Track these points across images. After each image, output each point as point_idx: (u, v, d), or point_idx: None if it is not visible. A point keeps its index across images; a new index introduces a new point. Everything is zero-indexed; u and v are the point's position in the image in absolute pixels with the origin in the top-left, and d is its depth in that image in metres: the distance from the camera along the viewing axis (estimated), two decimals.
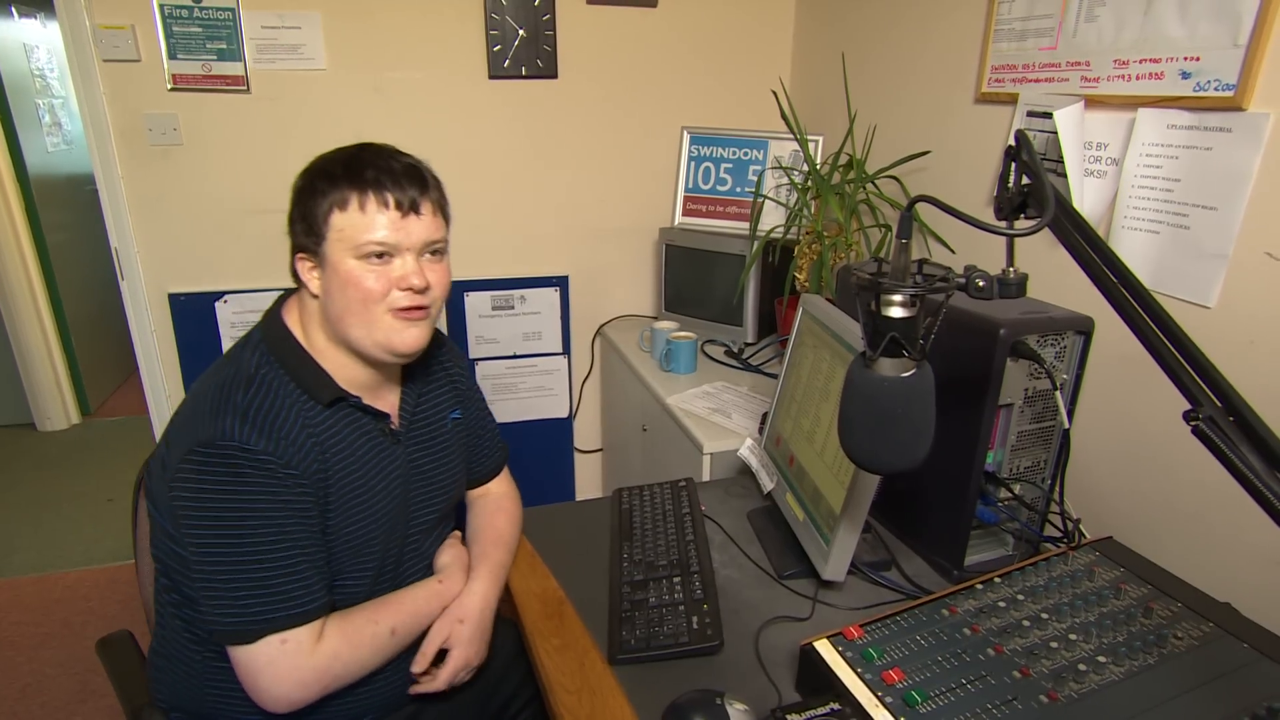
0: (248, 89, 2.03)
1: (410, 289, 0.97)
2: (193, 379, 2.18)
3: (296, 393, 0.97)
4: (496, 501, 1.28)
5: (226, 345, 2.17)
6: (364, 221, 0.95)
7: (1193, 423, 0.53)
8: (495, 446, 1.30)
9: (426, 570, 1.14)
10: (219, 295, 2.15)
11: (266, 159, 2.11)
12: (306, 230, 0.97)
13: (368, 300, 0.96)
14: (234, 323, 2.18)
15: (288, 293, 1.08)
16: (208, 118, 2.03)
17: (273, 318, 1.03)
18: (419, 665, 1.05)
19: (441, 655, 1.07)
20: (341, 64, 2.08)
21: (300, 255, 0.99)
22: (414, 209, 0.97)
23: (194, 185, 2.08)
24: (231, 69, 2.00)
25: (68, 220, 3.73)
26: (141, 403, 2.27)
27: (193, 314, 2.15)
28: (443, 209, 1.03)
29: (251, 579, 0.90)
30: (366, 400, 1.04)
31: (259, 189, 2.13)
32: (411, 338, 1.00)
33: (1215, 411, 0.52)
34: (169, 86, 1.98)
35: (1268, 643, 0.87)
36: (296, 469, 0.93)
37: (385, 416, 1.06)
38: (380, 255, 0.96)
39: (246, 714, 1.00)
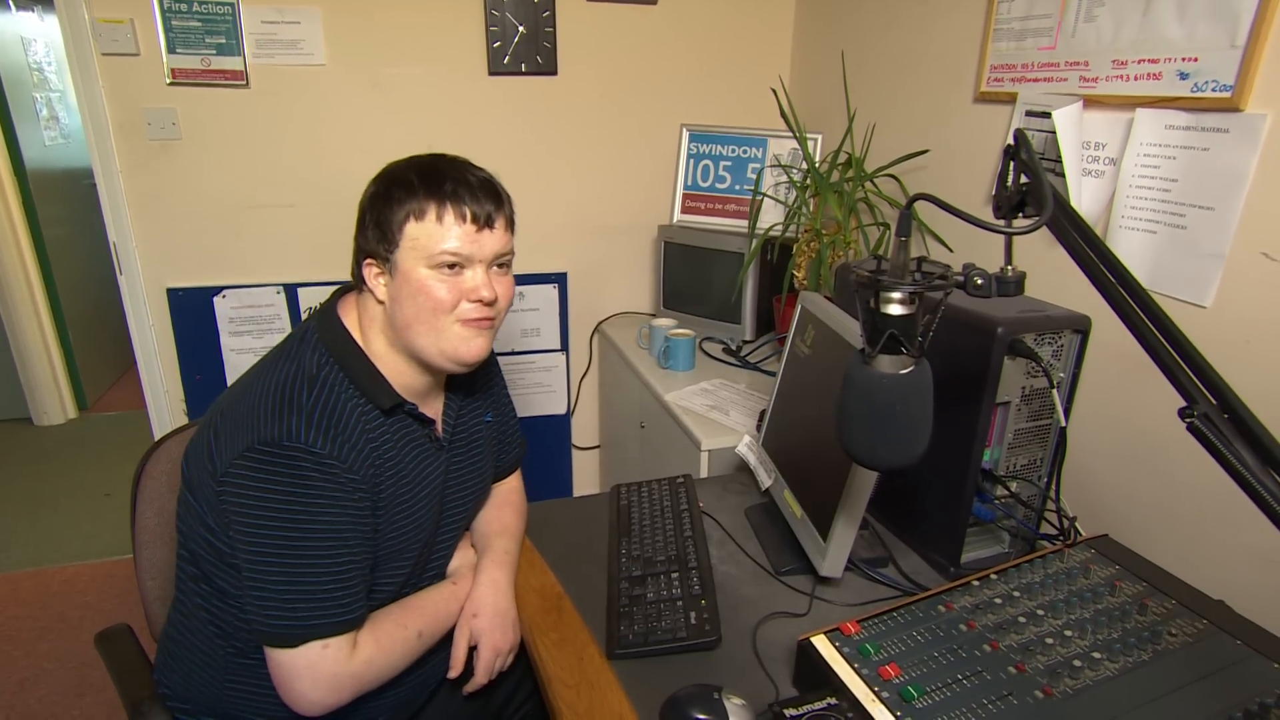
0: (247, 84, 2.03)
1: (480, 300, 0.99)
2: (191, 373, 2.18)
3: (357, 397, 0.97)
4: (504, 496, 1.29)
5: (225, 340, 2.18)
6: (439, 232, 0.96)
7: (1188, 420, 0.53)
8: (516, 443, 1.32)
9: (444, 571, 1.15)
10: (217, 290, 2.15)
11: (265, 154, 2.10)
12: (380, 237, 0.97)
13: (438, 310, 0.97)
14: (233, 317, 2.18)
15: (342, 290, 1.07)
16: (207, 112, 2.03)
17: (329, 316, 1.02)
18: (454, 671, 1.07)
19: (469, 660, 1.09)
20: (341, 59, 2.08)
21: (369, 261, 0.99)
22: (489, 223, 0.98)
23: (193, 180, 2.08)
24: (231, 64, 2.00)
25: (65, 215, 3.72)
26: (139, 398, 2.27)
27: (191, 309, 2.15)
28: (512, 223, 1.04)
29: (304, 584, 0.90)
30: (419, 407, 1.04)
31: (258, 184, 2.13)
32: (478, 347, 1.02)
33: (1210, 409, 0.52)
34: (168, 81, 1.98)
35: (1261, 640, 0.88)
36: (357, 473, 0.93)
37: (432, 423, 1.07)
38: (452, 266, 0.97)
39: (265, 711, 1.01)
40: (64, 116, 3.86)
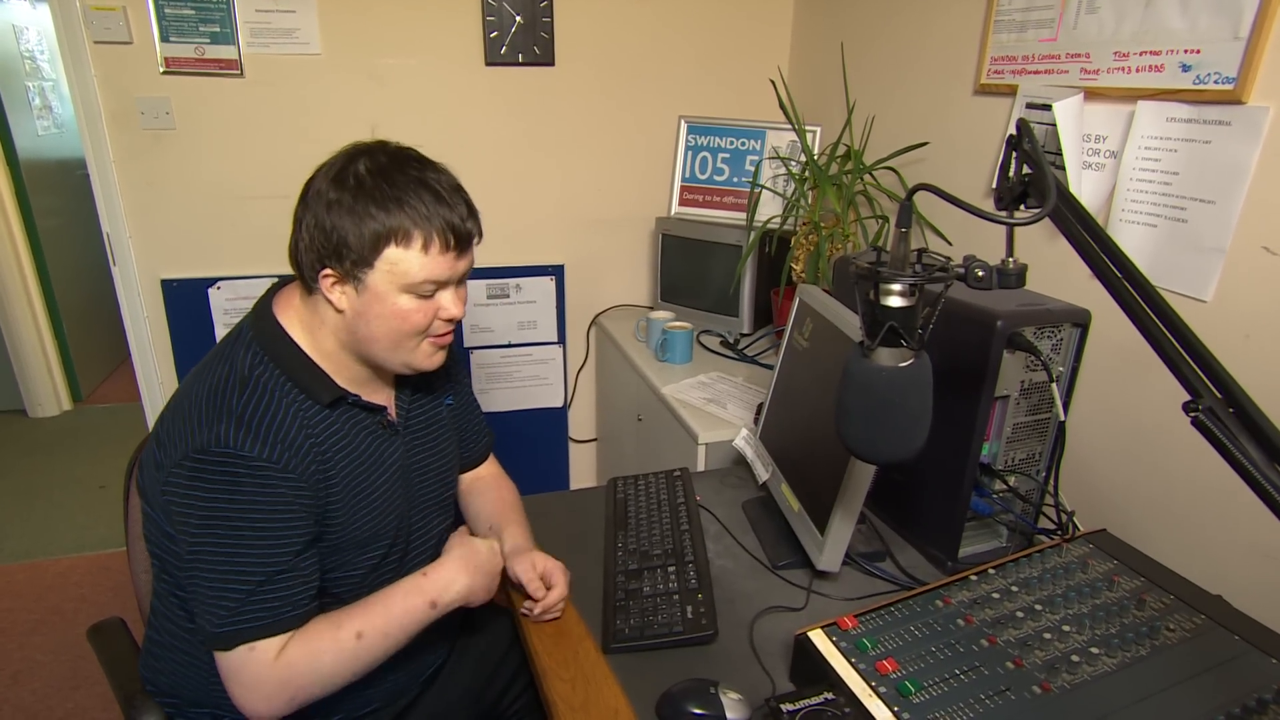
0: (241, 73, 2.01)
1: (451, 319, 0.98)
2: (186, 366, 2.17)
3: (294, 393, 0.95)
4: (495, 480, 1.29)
5: (220, 332, 2.17)
6: (424, 262, 0.92)
7: (1192, 414, 0.53)
8: (483, 431, 1.30)
9: (433, 554, 1.14)
10: (212, 281, 2.14)
11: (260, 144, 2.09)
12: (347, 251, 0.91)
13: (412, 333, 0.96)
14: (227, 309, 2.16)
15: (278, 284, 1.04)
16: (201, 102, 2.01)
17: (264, 314, 0.99)
18: (533, 603, 1.06)
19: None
20: (336, 49, 2.06)
21: (327, 273, 0.93)
22: (469, 246, 0.96)
23: (187, 170, 2.06)
24: (225, 53, 1.98)
25: (59, 205, 3.69)
26: (133, 389, 2.26)
27: (186, 300, 2.14)
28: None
29: (236, 588, 0.89)
30: (365, 396, 1.02)
31: (253, 174, 2.11)
32: (439, 360, 1.02)
33: (1215, 403, 0.52)
34: (161, 70, 1.96)
35: (1258, 635, 0.88)
36: (294, 473, 0.91)
37: (383, 409, 1.05)
38: (430, 293, 0.95)
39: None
40: (57, 106, 3.82)
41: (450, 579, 1.00)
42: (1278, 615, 0.92)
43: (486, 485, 1.28)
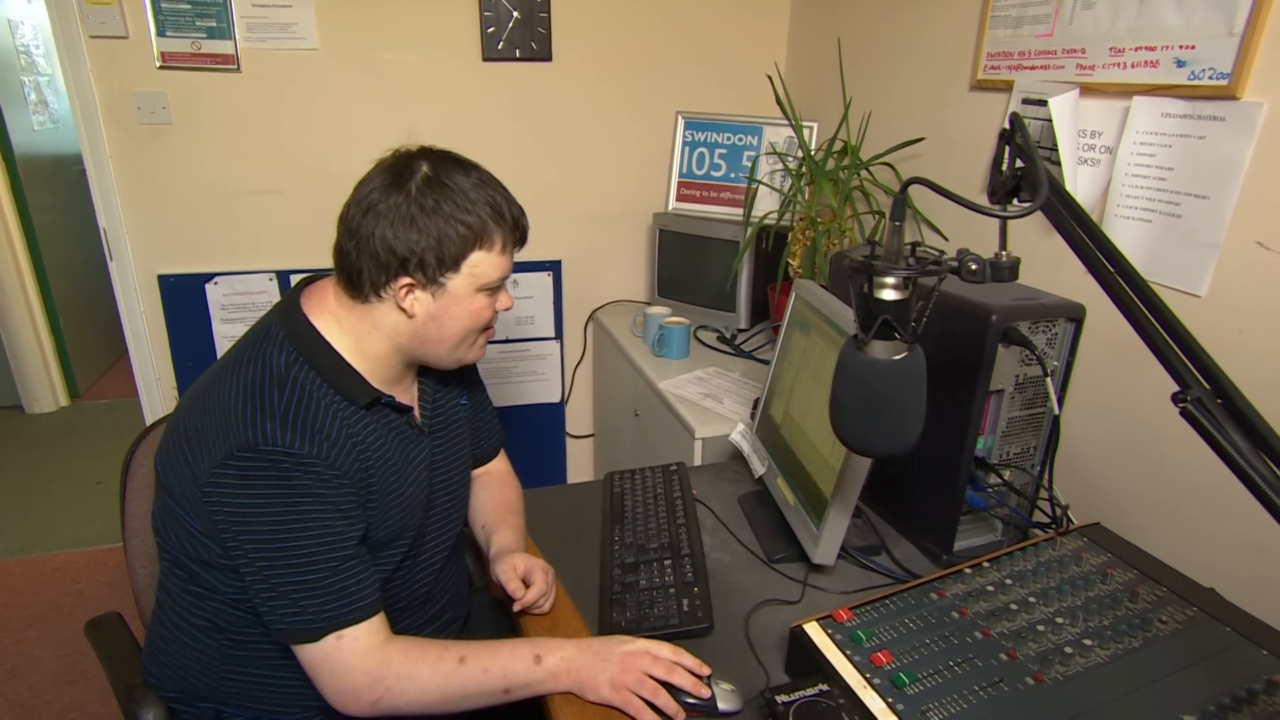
0: (238, 68, 2.01)
1: (504, 309, 1.05)
2: (183, 361, 2.17)
3: (331, 394, 0.95)
4: (501, 478, 1.30)
5: (219, 328, 2.17)
6: (501, 263, 0.99)
7: (1181, 405, 0.53)
8: (495, 428, 1.31)
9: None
10: (209, 277, 2.14)
11: (257, 139, 2.09)
12: (435, 261, 0.94)
13: (476, 328, 1.02)
14: (224, 304, 2.16)
15: (303, 283, 1.04)
16: (198, 97, 2.01)
17: (294, 313, 0.99)
18: (517, 597, 1.05)
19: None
20: (334, 44, 2.06)
21: (407, 282, 0.95)
22: (525, 243, 1.04)
23: (184, 165, 2.06)
24: (221, 47, 1.98)
25: (55, 201, 3.69)
26: (130, 386, 2.26)
27: (183, 296, 2.14)
28: None
29: (306, 579, 0.89)
30: (397, 397, 1.04)
31: (250, 169, 2.11)
32: (484, 351, 1.10)
33: (1203, 394, 0.52)
34: (158, 64, 1.96)
35: (1250, 627, 0.88)
36: (340, 469, 0.92)
37: (409, 410, 1.06)
38: (496, 289, 1.02)
39: (262, 699, 1.01)
40: (53, 101, 3.81)
41: (565, 644, 0.95)
42: (1269, 608, 0.92)
43: (491, 481, 1.29)
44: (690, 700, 0.88)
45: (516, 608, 1.06)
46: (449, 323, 0.99)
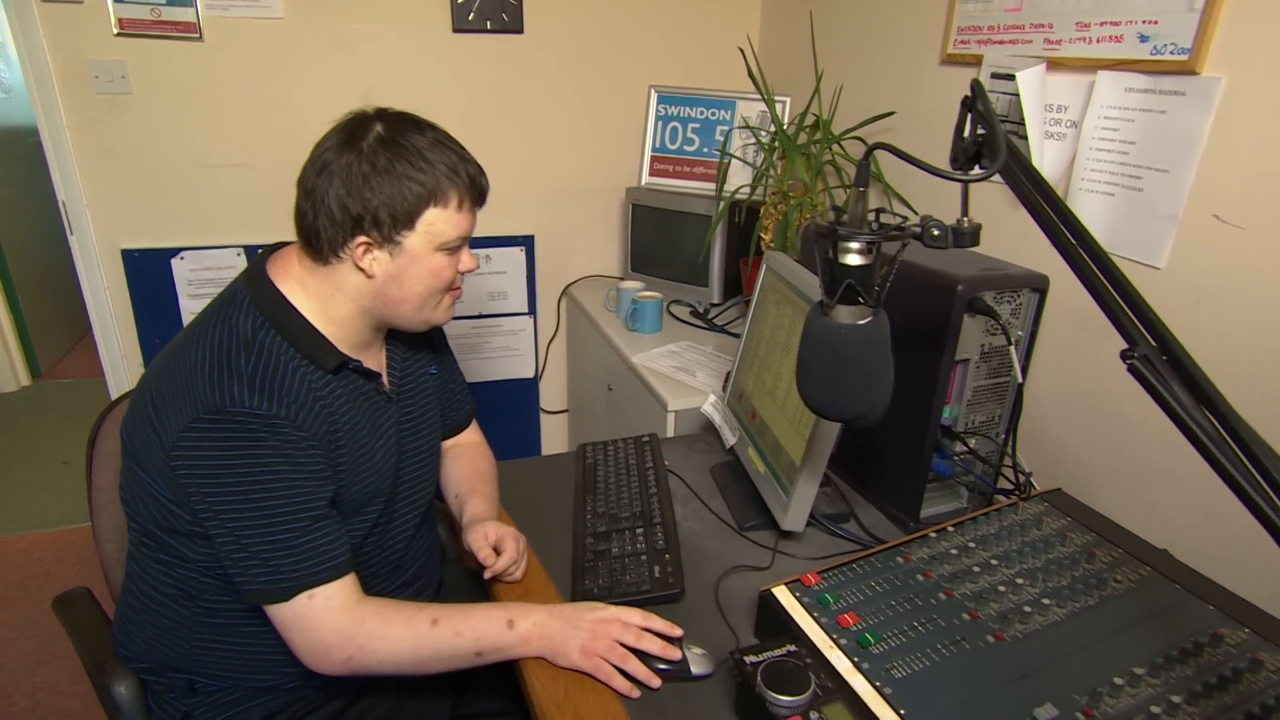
0: (200, 37, 1.96)
1: (468, 271, 1.04)
2: (150, 338, 2.13)
3: (298, 359, 0.95)
4: (474, 449, 1.31)
5: (185, 303, 2.13)
6: (459, 219, 0.98)
7: (1129, 361, 0.55)
8: (465, 398, 1.32)
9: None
10: (175, 252, 2.10)
11: (223, 111, 2.04)
12: (388, 218, 0.94)
13: (438, 288, 1.01)
14: (191, 279, 2.12)
15: (269, 250, 1.04)
16: (159, 66, 1.96)
17: (260, 279, 0.99)
18: (488, 564, 1.06)
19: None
20: (300, 13, 2.01)
21: (364, 241, 0.94)
22: (484, 202, 1.02)
23: (146, 136, 2.01)
24: (182, 15, 1.92)
25: (9, 175, 3.58)
26: (94, 364, 2.22)
27: (148, 271, 2.09)
28: None
29: (276, 538, 0.89)
30: (365, 362, 1.03)
31: (215, 142, 2.06)
32: (452, 312, 1.08)
33: (1150, 351, 0.54)
34: (115, 31, 1.90)
35: (1199, 585, 0.92)
36: (308, 431, 0.92)
37: (378, 376, 1.06)
38: (457, 248, 1.00)
39: (234, 666, 1.02)
40: (3, 70, 3.68)
41: (536, 609, 0.97)
42: (1219, 568, 0.96)
43: (463, 451, 1.30)
44: (662, 665, 0.90)
45: (488, 575, 1.07)
46: (409, 283, 0.98)
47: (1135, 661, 0.80)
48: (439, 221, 0.96)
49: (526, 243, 2.39)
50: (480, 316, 2.43)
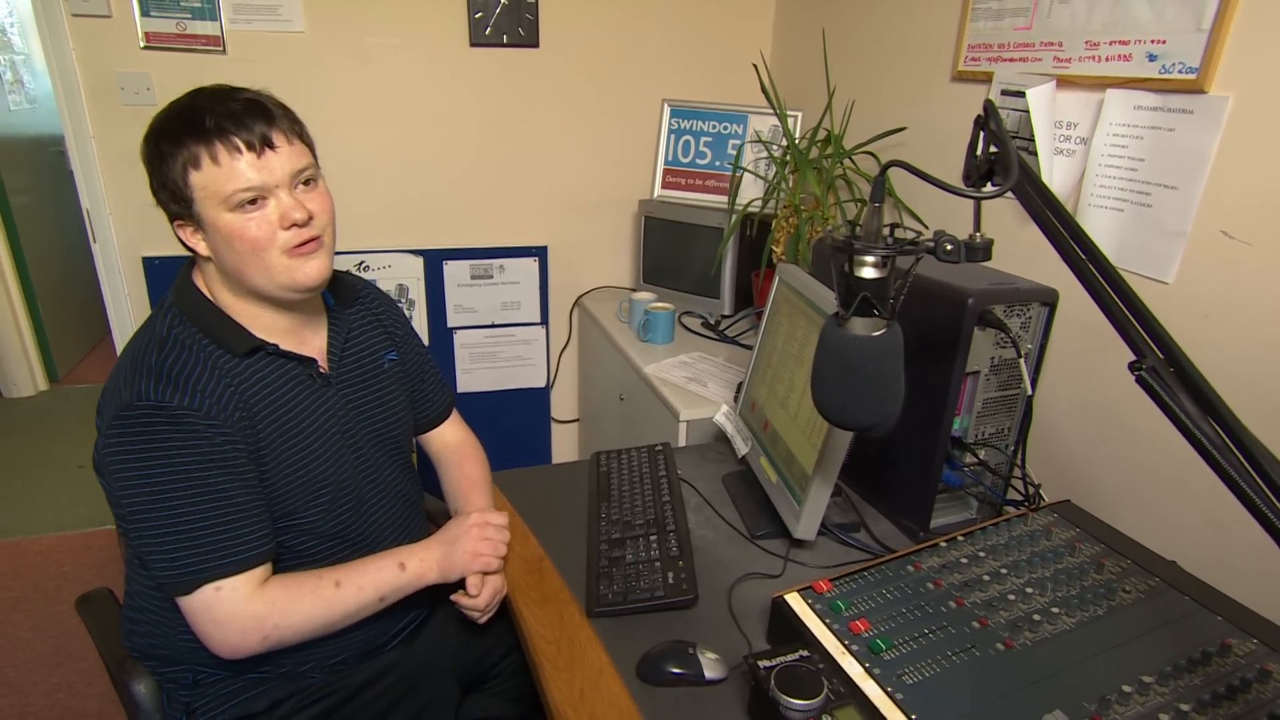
0: (224, 50, 2.00)
1: (295, 225, 0.97)
2: None
3: (211, 347, 0.98)
4: (459, 450, 1.33)
5: None
6: (222, 174, 0.93)
7: (1136, 372, 0.57)
8: (440, 389, 1.34)
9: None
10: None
11: None
12: (171, 197, 0.95)
13: (257, 248, 0.95)
14: None
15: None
16: (183, 78, 1.99)
17: (183, 280, 1.04)
18: (472, 603, 1.10)
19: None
20: (320, 27, 2.05)
21: (178, 223, 0.98)
22: (268, 144, 0.95)
23: None
24: (207, 29, 1.97)
25: (32, 183, 3.63)
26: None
27: (167, 278, 2.08)
28: (300, 134, 1.01)
29: (179, 532, 0.92)
30: (287, 346, 1.05)
31: None
32: (314, 269, 1.00)
33: (1157, 363, 0.56)
34: (142, 44, 1.94)
35: (1207, 596, 0.93)
36: (216, 419, 0.94)
37: (312, 361, 1.08)
38: (253, 201, 0.94)
39: (214, 659, 1.03)
40: (29, 81, 3.75)
41: (418, 548, 1.09)
42: (1227, 578, 0.97)
43: (451, 456, 1.32)
44: (676, 670, 0.92)
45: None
46: (225, 251, 0.96)
47: (1144, 670, 0.81)
48: (207, 183, 0.93)
49: (540, 253, 2.42)
50: (493, 326, 2.46)
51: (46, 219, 3.70)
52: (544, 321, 2.50)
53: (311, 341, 1.10)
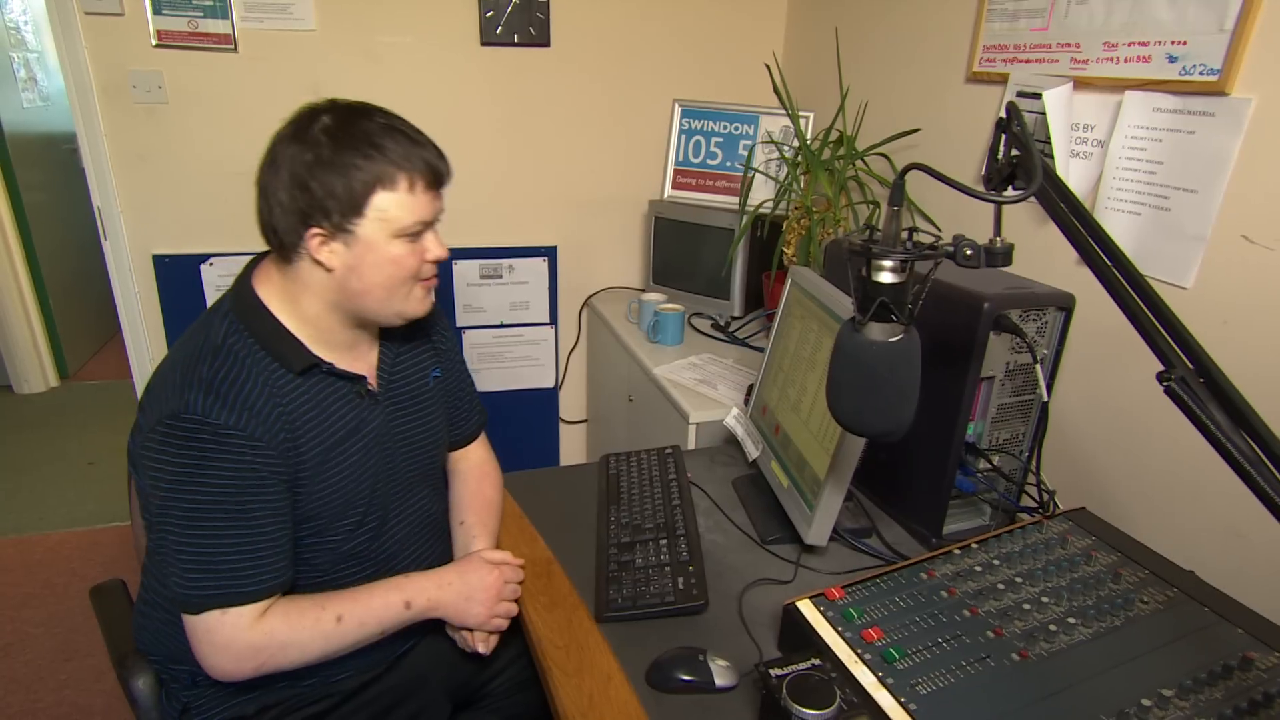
0: (235, 48, 2.00)
1: (436, 259, 1.01)
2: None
3: (266, 361, 0.96)
4: (480, 468, 1.30)
5: None
6: (412, 203, 0.95)
7: (1165, 383, 0.55)
8: (474, 410, 1.31)
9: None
10: (204, 258, 2.14)
11: (255, 121, 2.06)
12: (337, 206, 0.92)
13: (406, 278, 0.99)
14: (219, 286, 2.16)
15: (259, 257, 1.06)
16: (194, 77, 2.00)
17: (244, 285, 1.01)
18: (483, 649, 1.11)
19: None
20: (331, 25, 2.05)
21: (315, 231, 0.94)
22: (442, 184, 0.99)
23: (180, 145, 2.05)
24: (218, 27, 1.97)
25: (44, 180, 3.65)
26: (121, 367, 2.26)
27: (177, 276, 2.13)
28: None
29: (202, 553, 0.91)
30: (341, 364, 1.03)
31: (246, 151, 2.06)
32: (428, 304, 1.06)
33: (1187, 373, 0.54)
34: (154, 43, 1.95)
35: (1227, 607, 0.91)
36: (261, 439, 0.93)
37: (361, 379, 1.06)
38: (418, 234, 0.98)
39: None
40: (42, 78, 3.77)
41: (428, 586, 1.06)
42: (1246, 589, 0.95)
43: (469, 473, 1.29)
44: (686, 678, 0.91)
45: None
46: (369, 273, 0.96)
47: (1163, 683, 0.80)
48: (391, 207, 0.94)
49: (549, 253, 2.41)
50: (501, 326, 2.45)
51: (58, 216, 3.72)
52: (553, 322, 2.49)
53: (366, 357, 1.09)
